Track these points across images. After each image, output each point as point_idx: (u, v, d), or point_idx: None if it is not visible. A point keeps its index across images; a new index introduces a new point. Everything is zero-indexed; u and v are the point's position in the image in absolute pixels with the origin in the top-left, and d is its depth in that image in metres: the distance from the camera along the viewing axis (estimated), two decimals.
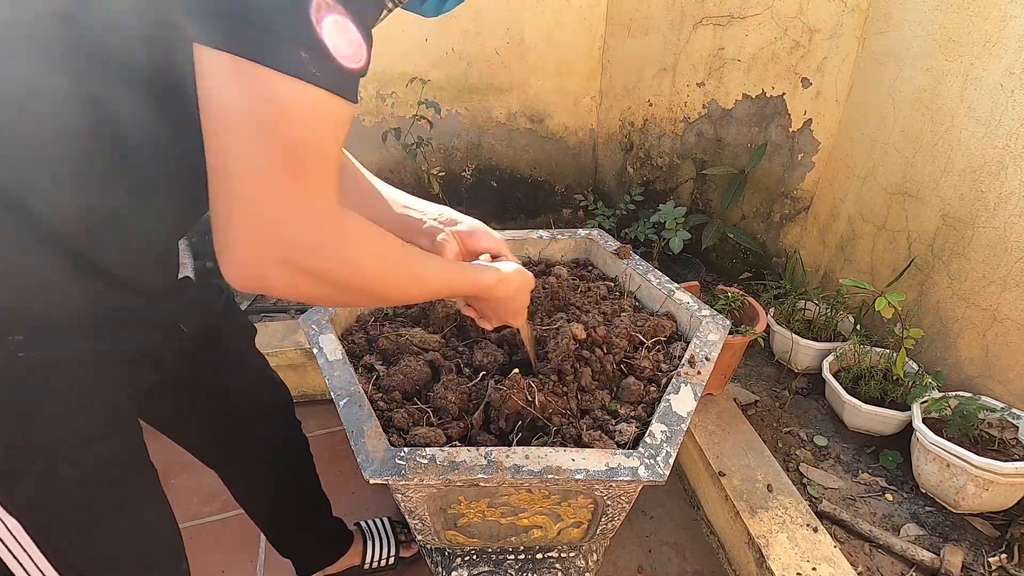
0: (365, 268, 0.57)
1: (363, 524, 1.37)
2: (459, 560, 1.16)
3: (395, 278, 0.62)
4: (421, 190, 2.65)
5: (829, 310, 1.84)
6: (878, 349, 1.69)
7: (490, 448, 0.86)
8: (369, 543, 1.32)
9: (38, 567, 0.66)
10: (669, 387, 0.99)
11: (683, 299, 1.23)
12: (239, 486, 1.10)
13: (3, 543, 0.64)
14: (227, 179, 0.47)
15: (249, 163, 0.45)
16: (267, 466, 1.07)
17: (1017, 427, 1.40)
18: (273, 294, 0.52)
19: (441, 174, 2.33)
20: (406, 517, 0.99)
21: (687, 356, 1.06)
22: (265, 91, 0.44)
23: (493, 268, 0.80)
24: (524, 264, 1.42)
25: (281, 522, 1.17)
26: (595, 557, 1.21)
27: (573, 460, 0.84)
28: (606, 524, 1.01)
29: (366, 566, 1.30)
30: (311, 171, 0.48)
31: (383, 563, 1.33)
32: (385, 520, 1.40)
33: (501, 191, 2.77)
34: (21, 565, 0.64)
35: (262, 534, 1.28)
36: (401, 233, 0.78)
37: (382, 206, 0.85)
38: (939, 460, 1.37)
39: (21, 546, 0.64)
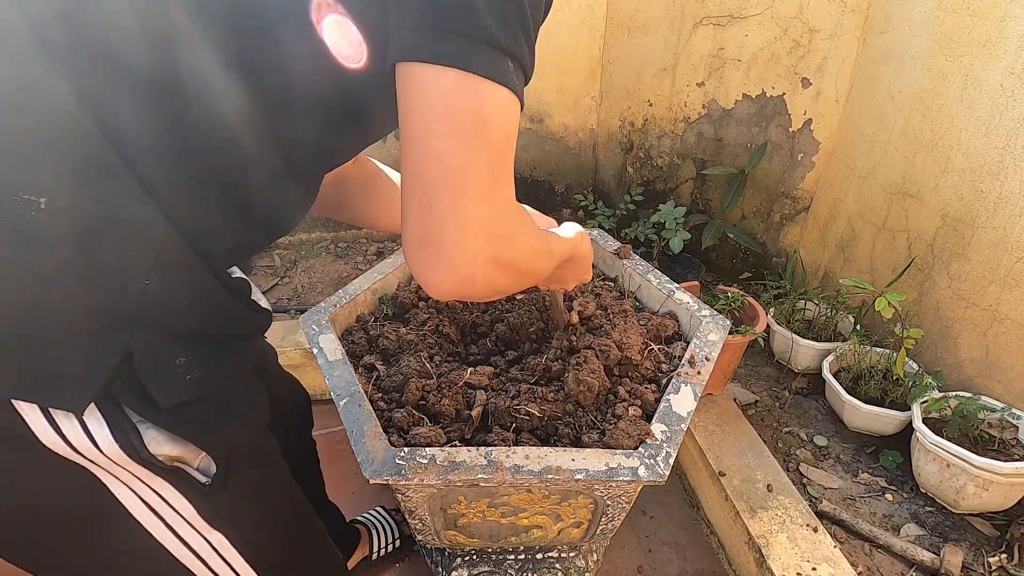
0: (533, 250, 0.61)
1: (362, 518, 1.38)
2: (459, 560, 1.16)
3: (545, 256, 0.68)
4: None
5: (829, 310, 1.84)
6: (878, 349, 1.69)
7: (490, 448, 0.86)
8: (374, 532, 1.35)
9: None
10: (669, 387, 0.99)
11: (683, 299, 1.23)
12: None
13: (206, 564, 0.63)
14: (434, 186, 0.49)
15: (464, 167, 0.48)
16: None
17: (1017, 427, 1.40)
18: (474, 297, 0.55)
19: None
20: (406, 517, 0.99)
21: (687, 356, 1.06)
22: (476, 98, 0.48)
23: (571, 230, 0.85)
24: None
25: None
26: (595, 557, 1.21)
27: (573, 460, 0.84)
28: (606, 524, 1.01)
29: (374, 556, 1.33)
30: (509, 168, 0.52)
31: (390, 548, 1.36)
32: (380, 509, 1.43)
33: None
34: None
35: None
36: None
37: None
38: (939, 460, 1.37)
39: (227, 563, 0.65)
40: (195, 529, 0.62)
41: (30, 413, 0.50)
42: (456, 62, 0.47)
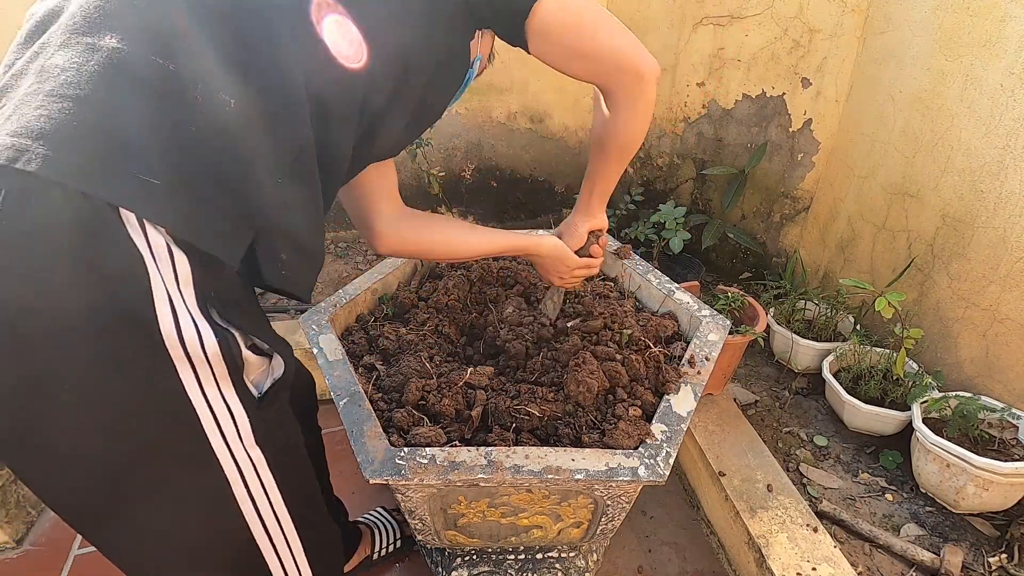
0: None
1: (363, 519, 1.38)
2: (459, 560, 1.16)
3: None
4: (421, 190, 2.65)
5: (829, 310, 1.84)
6: (878, 349, 1.69)
7: (490, 448, 0.86)
8: (375, 532, 1.35)
9: (273, 508, 0.71)
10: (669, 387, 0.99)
11: (683, 299, 1.23)
12: None
13: (245, 482, 0.67)
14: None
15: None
16: None
17: (1017, 427, 1.40)
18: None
19: (441, 174, 2.33)
20: (406, 517, 0.99)
21: (687, 356, 1.06)
22: None
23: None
24: (524, 264, 1.42)
25: None
26: (595, 557, 1.21)
27: (573, 460, 0.84)
28: (606, 524, 1.01)
29: (375, 556, 1.32)
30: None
31: (391, 548, 1.36)
32: (381, 509, 1.43)
33: (501, 191, 2.77)
34: (257, 505, 0.69)
35: None
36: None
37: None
38: (939, 460, 1.37)
39: (262, 483, 0.69)
40: (243, 443, 0.65)
41: (161, 308, 0.54)
42: None
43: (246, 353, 0.65)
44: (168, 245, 0.54)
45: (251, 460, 0.67)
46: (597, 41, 0.76)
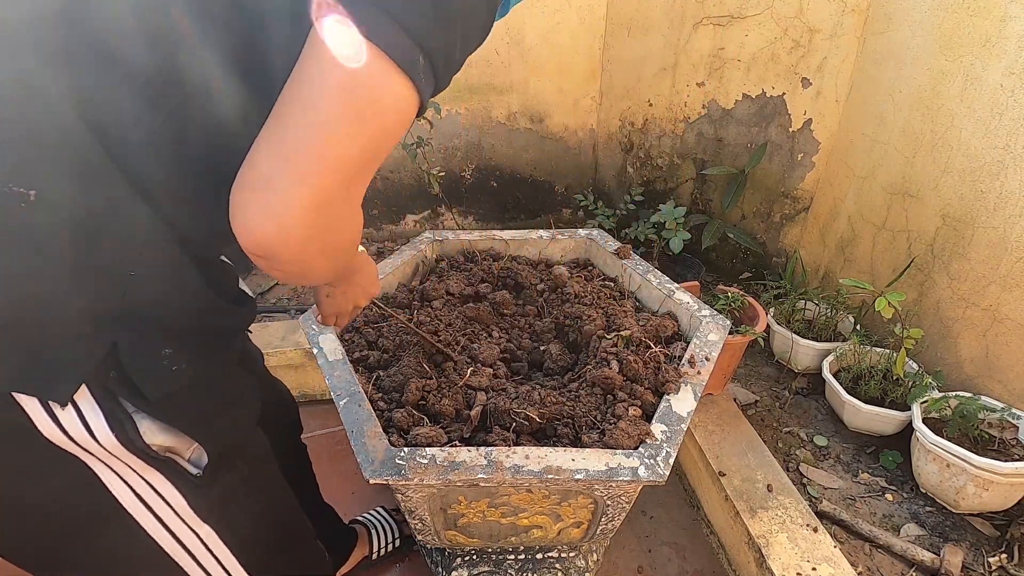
0: (352, 242, 0.61)
1: (362, 518, 1.38)
2: (459, 560, 1.16)
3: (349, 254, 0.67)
4: (421, 190, 2.65)
5: (829, 310, 1.84)
6: (878, 349, 1.69)
7: (490, 448, 0.86)
8: (373, 532, 1.35)
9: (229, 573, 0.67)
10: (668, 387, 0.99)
11: (683, 299, 1.23)
12: None
13: (194, 557, 0.64)
14: (300, 142, 0.49)
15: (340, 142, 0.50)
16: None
17: (1017, 427, 1.40)
18: (274, 258, 0.51)
19: (441, 174, 2.33)
20: (406, 517, 0.99)
21: (687, 356, 1.06)
22: (382, 78, 0.49)
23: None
24: (524, 264, 1.42)
25: None
26: (595, 557, 1.21)
27: (573, 460, 0.84)
28: (606, 524, 1.01)
29: (374, 556, 1.32)
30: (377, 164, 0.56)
31: (390, 547, 1.36)
32: (381, 509, 1.43)
33: (501, 191, 2.77)
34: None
35: None
36: None
37: None
38: (939, 460, 1.37)
39: (214, 556, 0.66)
40: (184, 522, 0.63)
41: (30, 404, 0.51)
42: (373, 37, 0.45)
43: (165, 437, 0.59)
44: None
45: (196, 535, 0.64)
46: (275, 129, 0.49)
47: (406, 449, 0.85)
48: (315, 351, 1.05)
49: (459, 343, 1.13)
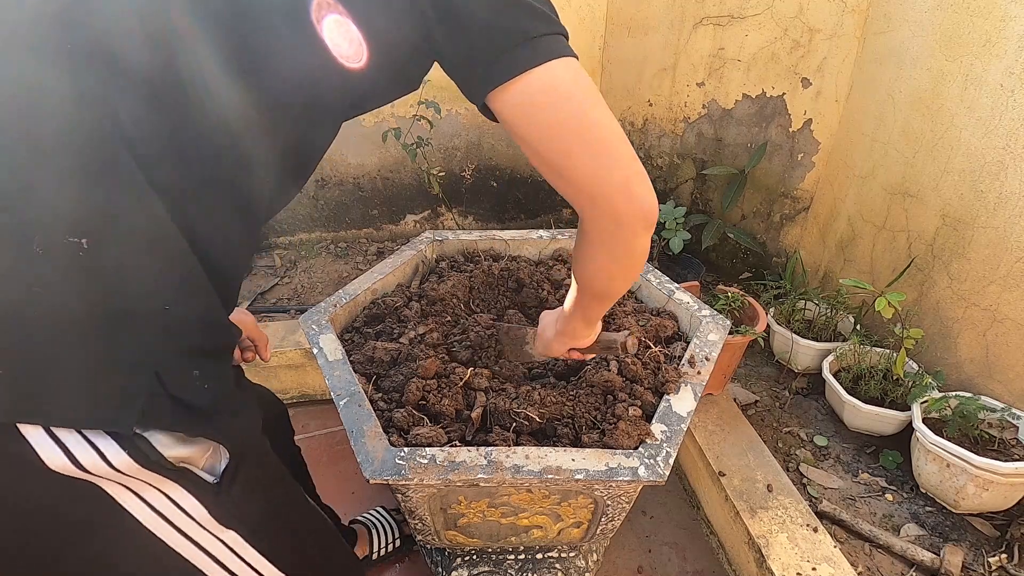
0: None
1: (362, 518, 1.38)
2: (459, 560, 1.16)
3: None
4: (421, 190, 2.65)
5: (829, 310, 1.84)
6: (878, 349, 1.69)
7: (490, 448, 0.86)
8: (373, 532, 1.34)
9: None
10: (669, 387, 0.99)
11: (683, 299, 1.23)
12: None
13: (224, 566, 0.64)
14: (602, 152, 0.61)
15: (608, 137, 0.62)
16: None
17: (1017, 427, 1.40)
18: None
19: (441, 174, 2.33)
20: (407, 517, 0.99)
21: (687, 356, 1.06)
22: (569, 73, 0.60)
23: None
24: (524, 264, 1.42)
25: None
26: (595, 557, 1.21)
27: (573, 460, 0.84)
28: (606, 524, 1.01)
29: (374, 556, 1.32)
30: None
31: (390, 547, 1.35)
32: (381, 509, 1.43)
33: (501, 191, 2.77)
34: None
35: None
36: None
37: None
38: (939, 460, 1.37)
39: (244, 561, 0.65)
40: (207, 530, 0.62)
41: (34, 435, 0.50)
42: (533, 63, 0.54)
43: (180, 449, 0.58)
44: None
45: (223, 542, 0.63)
46: (571, 160, 0.57)
47: (406, 449, 0.85)
48: (315, 351, 1.05)
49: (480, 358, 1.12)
